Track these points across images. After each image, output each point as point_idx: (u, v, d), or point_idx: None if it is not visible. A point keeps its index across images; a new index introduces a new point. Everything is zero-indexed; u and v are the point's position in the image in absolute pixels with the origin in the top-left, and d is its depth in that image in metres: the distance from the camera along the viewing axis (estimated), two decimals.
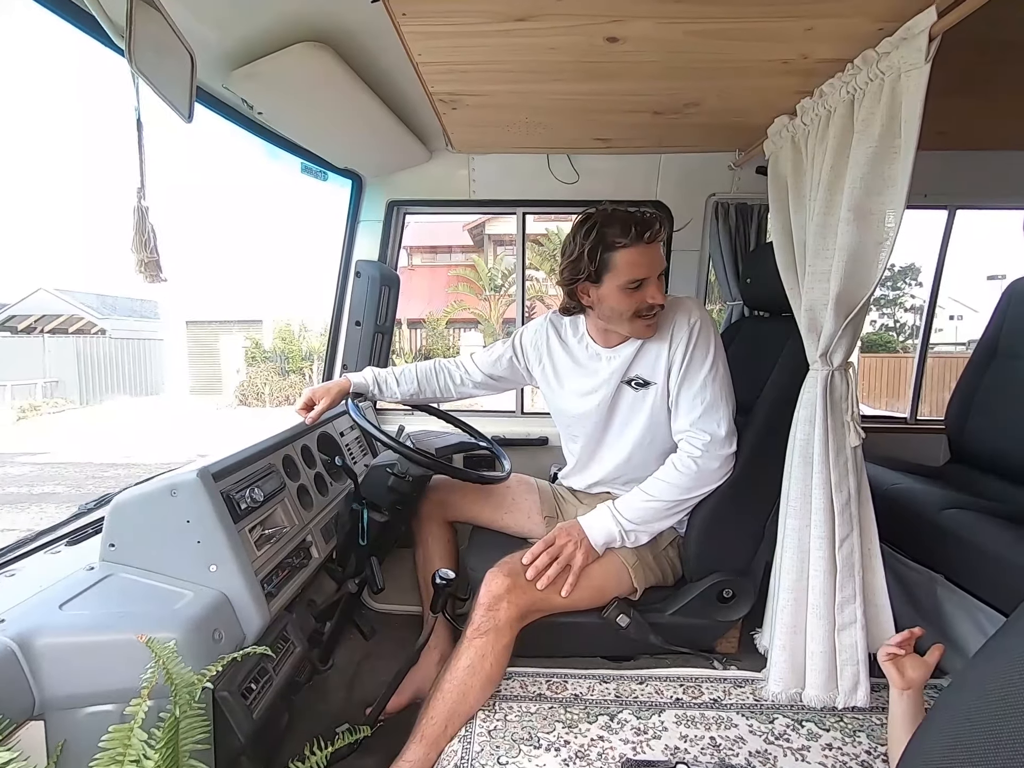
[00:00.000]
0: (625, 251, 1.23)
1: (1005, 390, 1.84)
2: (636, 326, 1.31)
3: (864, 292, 1.15)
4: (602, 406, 1.41)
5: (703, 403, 1.31)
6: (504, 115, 1.55)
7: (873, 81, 1.08)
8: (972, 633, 1.38)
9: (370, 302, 2.02)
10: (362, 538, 1.54)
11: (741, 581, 1.37)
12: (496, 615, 1.20)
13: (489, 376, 1.63)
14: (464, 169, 1.95)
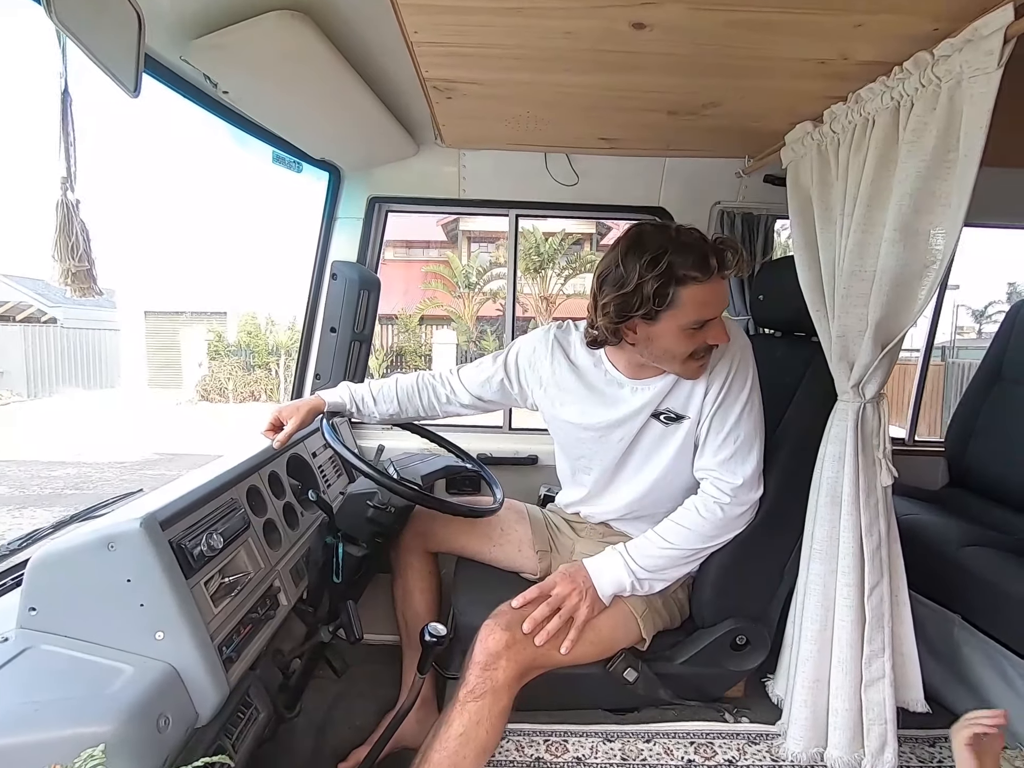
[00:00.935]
0: (697, 288, 1.03)
1: (1008, 415, 1.79)
2: (688, 368, 1.13)
3: (907, 320, 1.04)
4: (624, 442, 1.26)
5: (736, 442, 1.16)
6: (505, 108, 1.40)
7: (926, 87, 0.97)
8: (993, 679, 1.30)
9: (347, 307, 1.84)
10: (336, 575, 1.38)
11: (756, 628, 1.25)
12: (494, 675, 1.05)
13: (477, 397, 1.46)
14: (454, 166, 1.79)
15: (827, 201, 1.23)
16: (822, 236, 1.23)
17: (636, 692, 1.23)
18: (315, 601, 1.38)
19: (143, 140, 40.33)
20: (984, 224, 1.94)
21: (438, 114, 1.47)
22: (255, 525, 1.17)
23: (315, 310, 1.90)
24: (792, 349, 1.46)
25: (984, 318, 17.10)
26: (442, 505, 1.27)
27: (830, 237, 1.20)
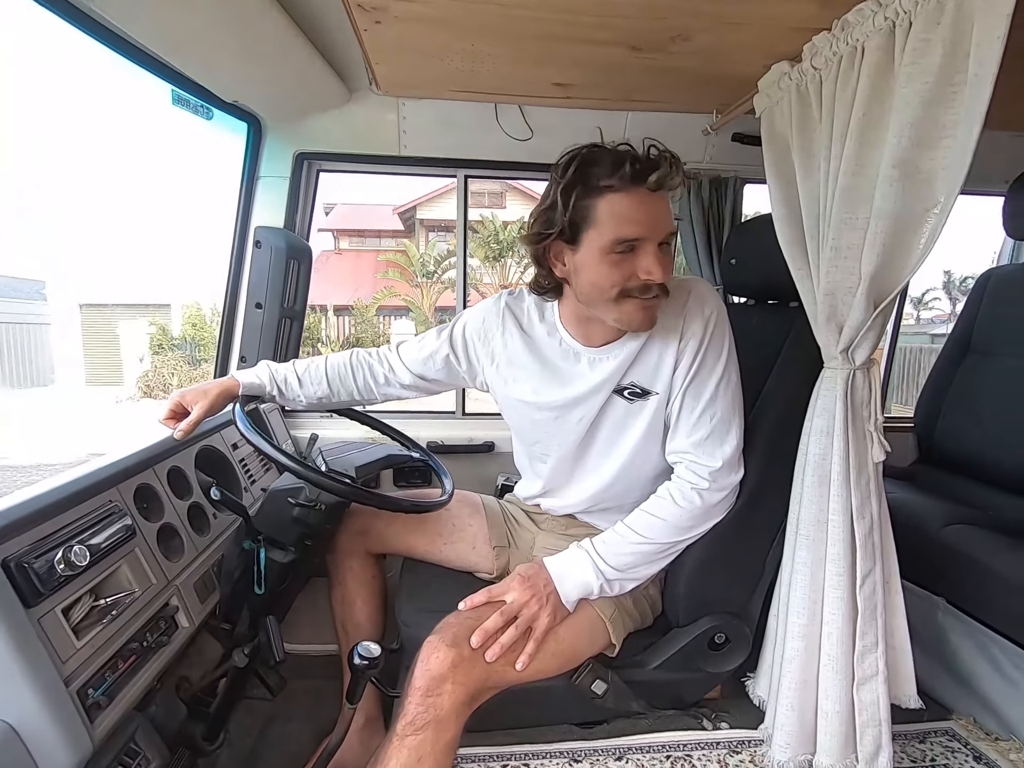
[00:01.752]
0: (615, 197, 0.88)
1: (979, 388, 1.73)
2: (625, 311, 0.95)
3: (904, 272, 0.92)
4: (584, 423, 1.10)
5: (712, 419, 1.02)
6: (442, 38, 1.21)
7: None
8: (980, 664, 1.22)
9: (274, 279, 1.62)
10: (258, 585, 1.18)
11: (736, 624, 1.13)
12: (437, 702, 0.88)
13: (419, 376, 1.27)
14: (392, 116, 1.59)
15: (808, 148, 1.10)
16: (804, 186, 1.09)
17: (605, 705, 1.09)
18: (232, 617, 1.18)
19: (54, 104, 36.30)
20: None
21: (369, 47, 1.26)
22: (145, 532, 0.96)
23: (237, 283, 1.66)
24: (768, 317, 1.33)
25: (922, 305, 17.93)
26: (378, 500, 1.08)
27: (813, 187, 1.07)
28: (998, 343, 1.71)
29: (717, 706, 1.22)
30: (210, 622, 1.18)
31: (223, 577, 1.15)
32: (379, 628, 1.36)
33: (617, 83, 1.44)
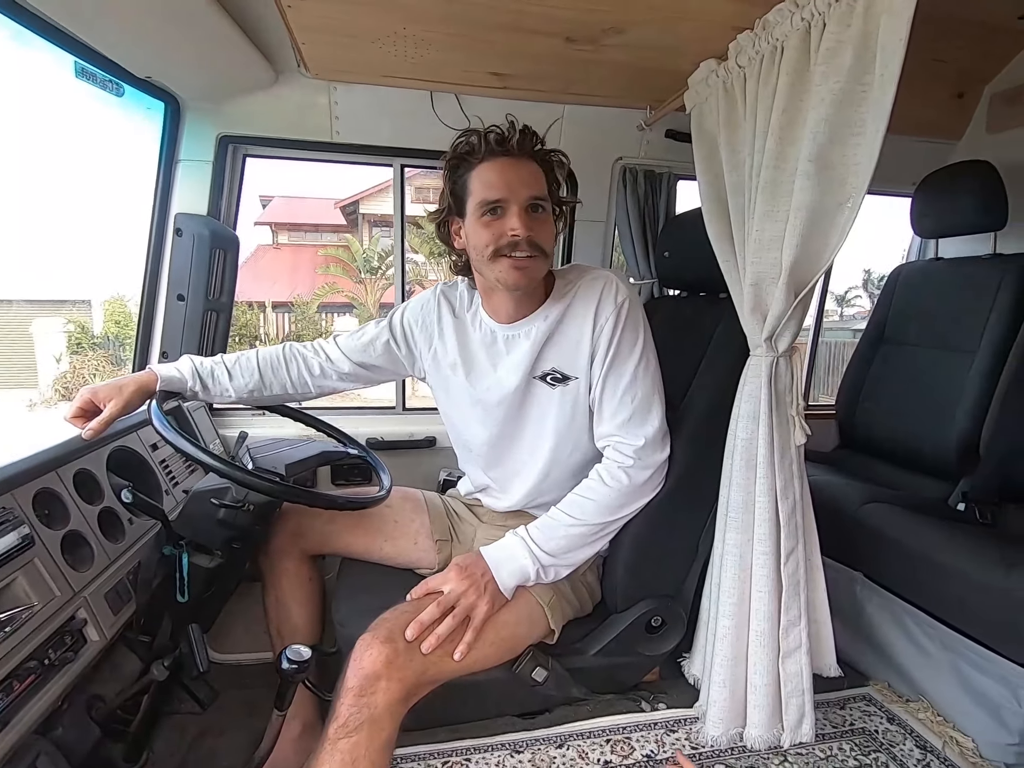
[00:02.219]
0: (481, 167, 1.00)
1: (892, 376, 1.85)
2: (500, 268, 1.00)
3: (820, 263, 0.96)
4: (503, 408, 1.12)
5: (633, 401, 1.05)
6: (371, 20, 1.17)
7: (839, 1, 0.88)
8: (894, 633, 1.30)
9: (197, 269, 1.53)
10: (181, 592, 1.11)
11: (672, 607, 1.16)
12: (371, 702, 0.85)
13: (359, 365, 1.25)
14: (324, 100, 1.53)
15: (734, 143, 1.13)
16: (730, 181, 1.13)
17: (547, 692, 1.09)
18: (151, 628, 1.10)
19: None
20: None
21: (294, 26, 1.21)
22: (46, 541, 0.88)
23: (156, 274, 1.56)
24: (700, 308, 1.38)
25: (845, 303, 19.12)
26: (308, 497, 1.04)
27: (738, 181, 1.11)
28: (908, 333, 1.83)
29: (656, 688, 1.26)
30: (127, 635, 1.10)
31: (140, 586, 1.08)
32: (317, 631, 1.31)
33: (553, 75, 1.44)
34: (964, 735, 1.13)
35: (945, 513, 1.48)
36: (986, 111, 1.84)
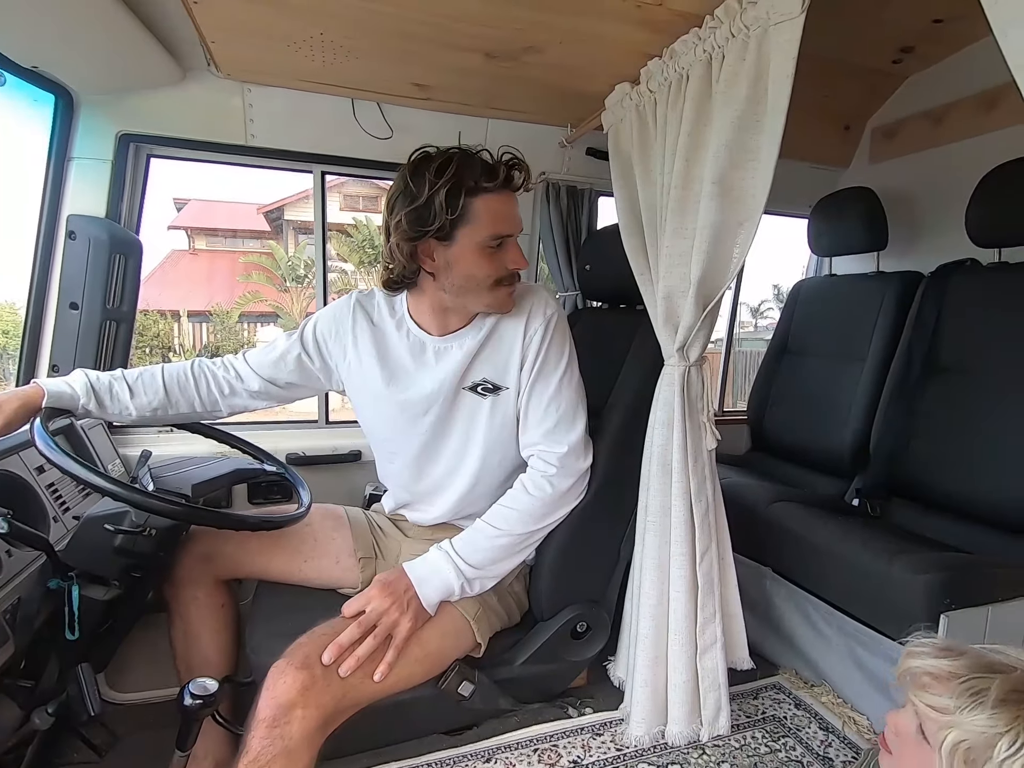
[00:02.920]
0: (490, 198, 0.97)
1: (794, 383, 2.00)
2: (497, 297, 1.03)
3: (725, 278, 1.03)
4: (431, 417, 1.10)
5: (558, 411, 1.07)
6: (285, 22, 1.14)
7: (736, 37, 0.95)
8: (799, 623, 1.39)
9: (94, 276, 1.41)
10: (70, 629, 1.01)
11: (596, 611, 1.18)
12: (285, 732, 0.81)
13: (270, 381, 1.19)
14: (237, 101, 1.46)
15: (647, 162, 1.19)
16: (644, 198, 1.19)
17: (473, 706, 1.08)
18: (34, 671, 0.99)
19: None
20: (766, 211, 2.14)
21: (201, 23, 1.15)
22: None
23: (45, 280, 1.42)
24: (620, 319, 1.43)
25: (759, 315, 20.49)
26: (216, 518, 0.98)
27: (651, 199, 1.17)
28: (808, 344, 1.99)
29: (583, 692, 1.27)
30: (5, 681, 0.98)
31: (19, 625, 0.97)
32: (231, 662, 1.23)
33: (476, 88, 1.46)
34: (860, 714, 1.23)
35: (842, 509, 1.61)
36: (868, 143, 2.04)
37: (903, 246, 1.90)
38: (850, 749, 1.14)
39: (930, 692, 0.60)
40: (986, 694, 0.56)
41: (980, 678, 0.58)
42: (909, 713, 0.62)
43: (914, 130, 1.87)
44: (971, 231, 1.48)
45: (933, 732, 0.59)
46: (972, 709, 0.56)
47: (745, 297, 17.02)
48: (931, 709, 0.59)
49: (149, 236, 1.53)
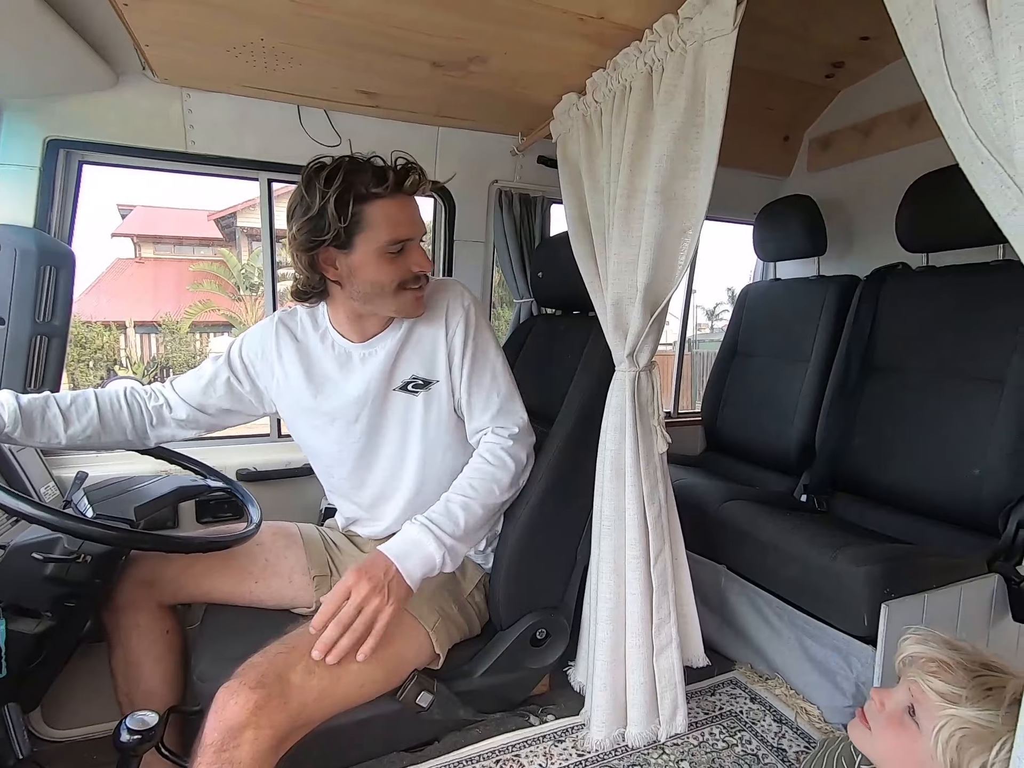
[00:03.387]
0: (383, 203, 0.97)
1: (744, 384, 2.06)
2: (404, 301, 1.04)
3: (670, 284, 1.05)
4: (363, 422, 1.11)
5: (500, 395, 1.12)
6: (222, 27, 1.11)
7: (674, 51, 0.97)
8: (753, 618, 1.43)
9: (21, 288, 1.33)
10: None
11: (555, 617, 1.18)
12: (235, 757, 0.78)
13: (199, 409, 1.18)
14: (176, 107, 1.41)
15: (594, 171, 1.21)
16: (592, 206, 1.21)
17: (433, 719, 1.06)
18: None
19: None
20: (713, 218, 2.21)
21: (134, 27, 1.11)
22: None
23: None
24: (573, 326, 1.45)
25: (714, 317, 21.11)
26: (155, 541, 0.94)
27: (599, 207, 1.18)
28: (756, 346, 2.05)
29: (545, 700, 1.27)
30: None
31: None
32: (177, 691, 1.18)
33: (425, 97, 1.46)
34: (811, 704, 1.27)
35: (791, 505, 1.66)
36: (806, 153, 2.13)
37: (841, 251, 1.99)
38: (802, 739, 1.18)
39: (938, 678, 0.62)
40: (1000, 692, 0.59)
41: (993, 676, 0.61)
42: (902, 692, 0.65)
43: (846, 141, 1.96)
44: (900, 237, 1.56)
45: (928, 715, 0.61)
46: (982, 702, 0.58)
47: (701, 300, 17.52)
48: (937, 694, 0.61)
49: (88, 245, 1.45)
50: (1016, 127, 0.49)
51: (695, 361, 10.22)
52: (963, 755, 0.58)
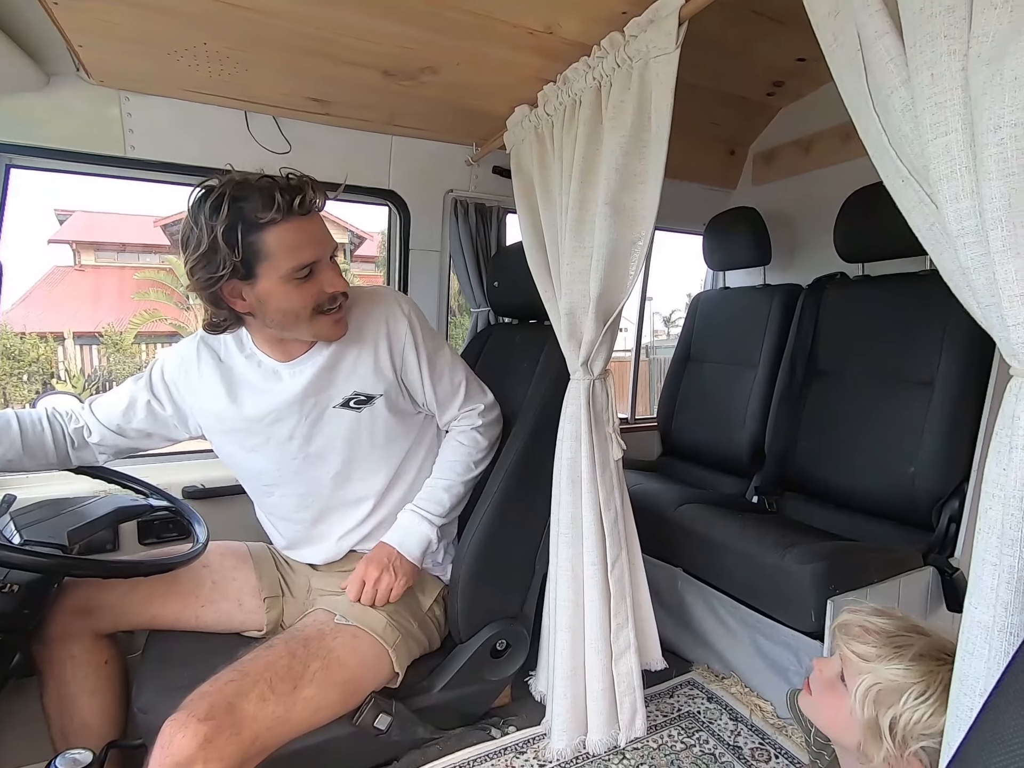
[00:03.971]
0: (278, 229, 0.91)
1: (698, 390, 2.12)
2: (321, 326, 1.00)
3: (622, 294, 1.07)
4: (300, 441, 1.08)
5: (462, 386, 1.18)
6: (161, 29, 1.07)
7: (620, 67, 1.00)
8: (709, 619, 1.46)
9: None
10: None
11: (515, 628, 1.18)
12: None
13: (118, 432, 1.13)
14: (114, 111, 1.35)
15: (547, 182, 1.23)
16: (545, 217, 1.22)
17: (392, 740, 1.04)
18: None
19: None
20: (665, 228, 2.28)
21: (66, 26, 1.06)
22: None
23: None
24: (529, 335, 1.45)
25: (670, 323, 21.70)
26: (98, 569, 0.89)
27: (552, 217, 1.20)
28: (708, 352, 2.12)
29: (506, 712, 1.27)
30: None
31: None
32: (117, 725, 1.12)
33: (378, 106, 1.44)
34: (765, 700, 1.30)
35: (743, 506, 1.71)
36: (751, 167, 2.22)
37: (786, 261, 2.08)
38: (757, 736, 1.21)
39: (858, 641, 0.68)
40: (909, 650, 0.65)
41: (905, 636, 0.67)
42: (835, 660, 0.71)
43: (787, 156, 2.06)
44: (838, 248, 1.64)
45: (852, 676, 0.67)
46: (892, 659, 0.64)
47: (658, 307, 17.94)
48: (855, 656, 0.67)
49: (18, 252, 1.37)
50: (930, 148, 0.53)
51: (653, 367, 10.46)
52: (879, 709, 0.63)
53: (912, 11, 0.54)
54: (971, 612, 0.51)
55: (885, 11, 0.57)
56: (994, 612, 0.48)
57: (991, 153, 0.47)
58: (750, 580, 1.32)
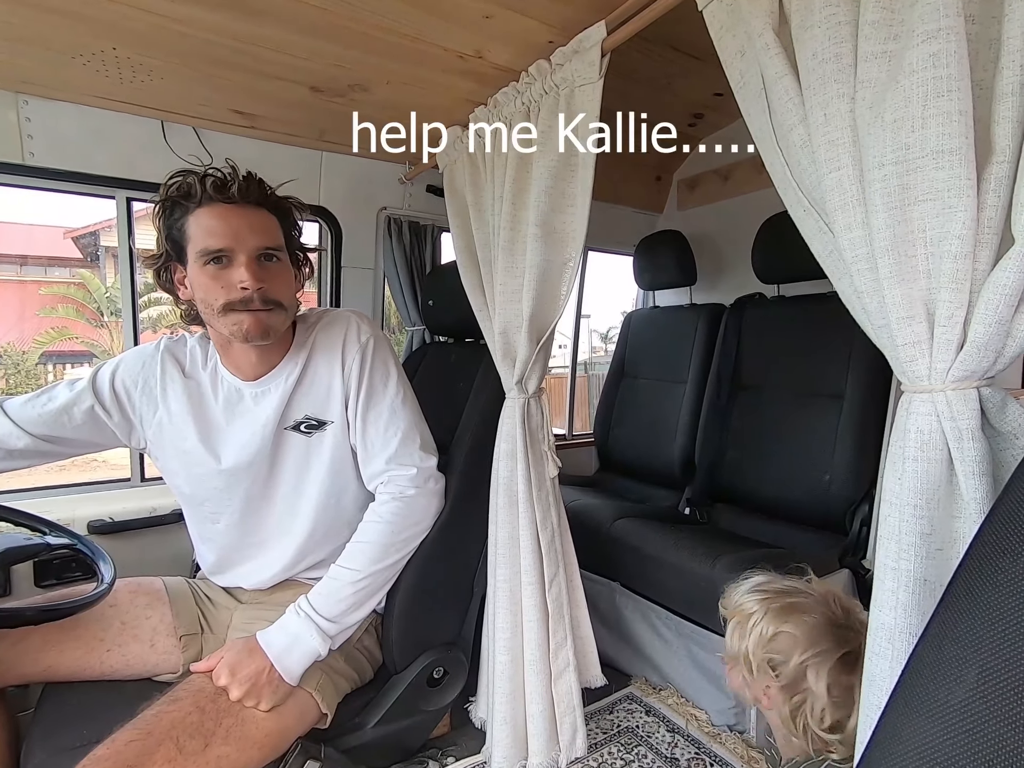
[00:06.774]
0: (200, 212, 0.93)
1: (632, 405, 2.18)
2: (235, 321, 0.94)
3: (554, 313, 1.09)
4: (255, 468, 1.02)
5: (397, 435, 1.04)
6: (62, 31, 1.00)
7: (548, 94, 1.03)
8: (646, 632, 1.49)
9: None
10: None
11: (452, 654, 1.15)
12: None
13: (42, 438, 1.02)
14: (10, 115, 1.25)
15: (480, 203, 1.24)
16: (478, 237, 1.23)
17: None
18: None
19: None
20: (598, 249, 2.35)
21: None
22: None
23: None
24: (464, 353, 1.45)
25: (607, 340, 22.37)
26: None
27: (484, 237, 1.21)
28: (640, 368, 2.18)
29: (445, 742, 1.23)
30: None
31: None
32: None
33: (305, 121, 1.41)
34: (700, 709, 1.33)
35: (676, 518, 1.76)
36: (676, 192, 2.34)
37: (710, 281, 2.19)
38: (693, 746, 1.23)
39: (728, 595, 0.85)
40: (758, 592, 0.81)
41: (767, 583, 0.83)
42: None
43: (709, 184, 2.18)
44: (756, 270, 1.75)
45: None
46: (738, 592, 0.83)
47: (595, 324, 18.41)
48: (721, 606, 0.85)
49: None
50: (826, 181, 0.57)
51: (591, 382, 10.70)
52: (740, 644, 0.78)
53: (806, 56, 0.58)
54: (875, 614, 0.54)
55: (784, 54, 0.61)
56: (895, 614, 0.51)
57: (877, 188, 0.51)
58: (683, 591, 1.35)
